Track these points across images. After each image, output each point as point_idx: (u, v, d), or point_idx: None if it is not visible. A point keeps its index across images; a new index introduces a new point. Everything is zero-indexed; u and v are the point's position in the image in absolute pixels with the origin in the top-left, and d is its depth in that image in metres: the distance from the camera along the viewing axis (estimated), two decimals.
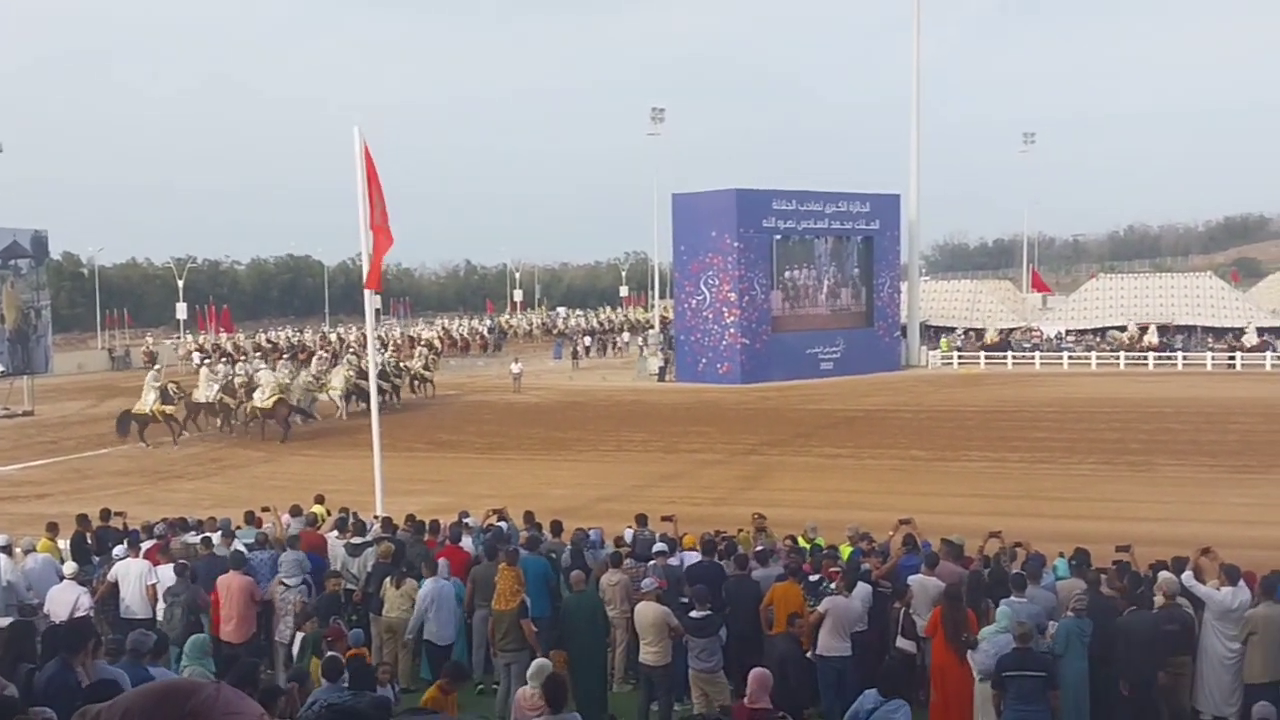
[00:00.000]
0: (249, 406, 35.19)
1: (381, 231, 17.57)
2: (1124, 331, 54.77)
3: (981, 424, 33.97)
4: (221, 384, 36.65)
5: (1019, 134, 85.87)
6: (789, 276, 50.86)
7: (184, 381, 40.27)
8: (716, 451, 30.16)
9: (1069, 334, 56.45)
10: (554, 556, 13.15)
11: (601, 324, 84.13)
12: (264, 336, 73.54)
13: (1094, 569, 11.53)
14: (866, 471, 26.71)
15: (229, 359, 52.28)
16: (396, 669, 11.45)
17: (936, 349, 55.81)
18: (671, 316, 59.20)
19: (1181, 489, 23.57)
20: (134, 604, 12.63)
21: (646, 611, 10.97)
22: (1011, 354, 53.95)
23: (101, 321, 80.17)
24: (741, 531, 14.60)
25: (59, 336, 61.40)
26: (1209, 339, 53.06)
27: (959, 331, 58.38)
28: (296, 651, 11.00)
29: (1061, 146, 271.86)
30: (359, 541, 13.79)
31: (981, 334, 57.28)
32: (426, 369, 46.55)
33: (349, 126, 17.40)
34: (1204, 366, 49.82)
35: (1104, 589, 10.92)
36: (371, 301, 20.30)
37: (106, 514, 15.95)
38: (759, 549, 12.91)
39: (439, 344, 65.03)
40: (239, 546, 13.67)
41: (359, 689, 7.88)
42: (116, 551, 13.60)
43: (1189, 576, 10.78)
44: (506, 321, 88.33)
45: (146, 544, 13.77)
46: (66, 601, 11.59)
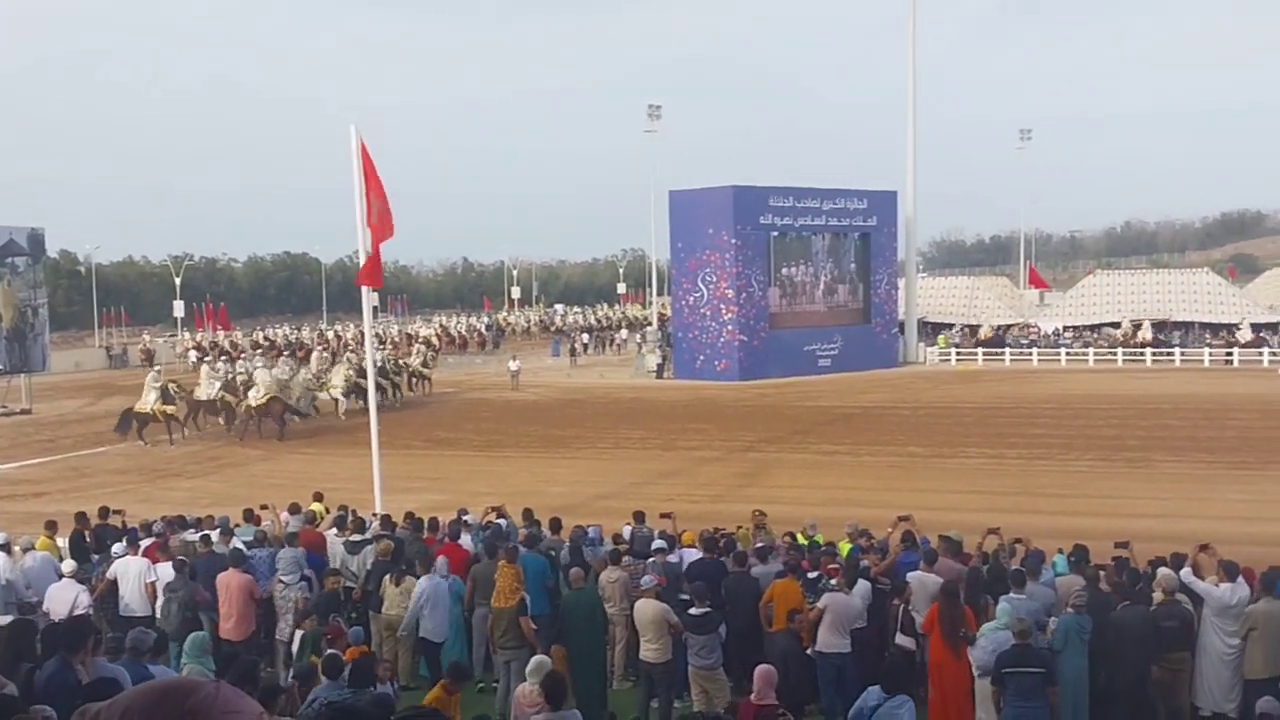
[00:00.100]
0: (244, 405, 35.24)
1: (382, 224, 17.54)
2: (1118, 328, 54.82)
3: (979, 420, 34.00)
4: (223, 382, 36.65)
5: (1016, 131, 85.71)
6: (786, 273, 50.88)
7: (184, 380, 40.30)
8: (714, 449, 30.18)
9: (1066, 330, 56.49)
10: (553, 554, 13.15)
11: (599, 321, 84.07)
12: (261, 334, 73.53)
13: (1093, 565, 11.54)
14: (864, 468, 26.73)
15: (228, 357, 52.26)
16: (396, 666, 11.47)
17: (934, 346, 55.87)
18: (669, 313, 59.20)
19: (1179, 485, 23.60)
20: (133, 602, 12.64)
21: (646, 609, 10.97)
22: (1009, 350, 54.01)
23: (99, 320, 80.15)
24: (740, 528, 14.61)
25: (56, 335, 61.35)
26: (1206, 335, 53.10)
27: (956, 328, 58.41)
28: (296, 649, 11.00)
29: (1058, 144, 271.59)
30: (358, 539, 13.79)
31: (976, 330, 57.31)
32: (425, 366, 46.55)
33: (346, 125, 17.42)
34: (1201, 363, 49.89)
35: (1102, 585, 10.93)
36: (369, 299, 20.27)
37: (105, 512, 15.95)
38: (759, 546, 12.92)
39: (437, 341, 65.00)
40: (238, 544, 13.66)
41: (359, 687, 7.87)
42: (115, 549, 13.60)
43: (1188, 573, 10.78)
44: (504, 319, 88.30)
45: (145, 542, 13.77)
46: (65, 600, 11.58)
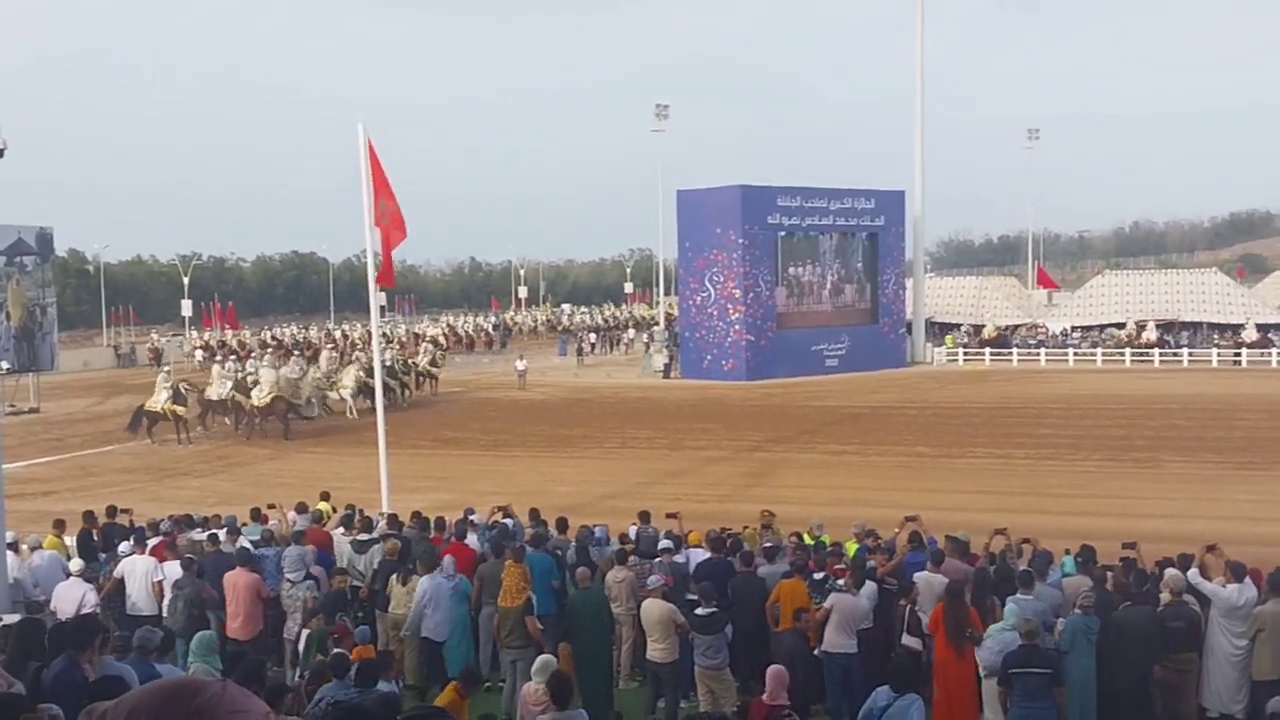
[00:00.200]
0: (248, 404, 35.30)
1: (394, 226, 17.56)
2: (1122, 329, 54.67)
3: (987, 421, 33.94)
4: (234, 381, 36.68)
5: (1023, 131, 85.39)
6: (793, 273, 50.82)
7: (195, 379, 40.33)
8: (722, 448, 30.17)
9: (1074, 330, 56.36)
10: (559, 553, 13.16)
11: (606, 321, 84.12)
12: (269, 334, 73.63)
13: (1100, 566, 11.51)
14: (872, 468, 26.71)
15: (236, 357, 52.31)
16: (403, 665, 11.49)
17: (941, 346, 55.78)
18: (676, 313, 59.20)
19: (1187, 485, 23.54)
20: (140, 601, 12.68)
21: (652, 609, 10.98)
22: (1017, 350, 53.91)
23: (107, 319, 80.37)
24: (747, 528, 14.60)
25: (64, 334, 61.44)
26: (1215, 336, 52.94)
27: (963, 328, 58.31)
28: (302, 649, 11.01)
29: (1066, 143, 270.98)
30: (365, 538, 13.81)
31: (980, 330, 57.14)
32: (434, 365, 46.59)
33: (353, 124, 17.43)
34: (1209, 363, 49.74)
35: (1109, 586, 10.91)
36: (376, 299, 20.30)
37: (113, 511, 16.00)
38: (768, 545, 12.91)
39: (444, 341, 65.09)
40: (245, 543, 13.69)
41: (365, 686, 7.88)
42: (122, 548, 13.63)
43: (1195, 573, 10.75)
44: (511, 319, 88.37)
45: (152, 541, 13.80)
46: (73, 598, 11.61)
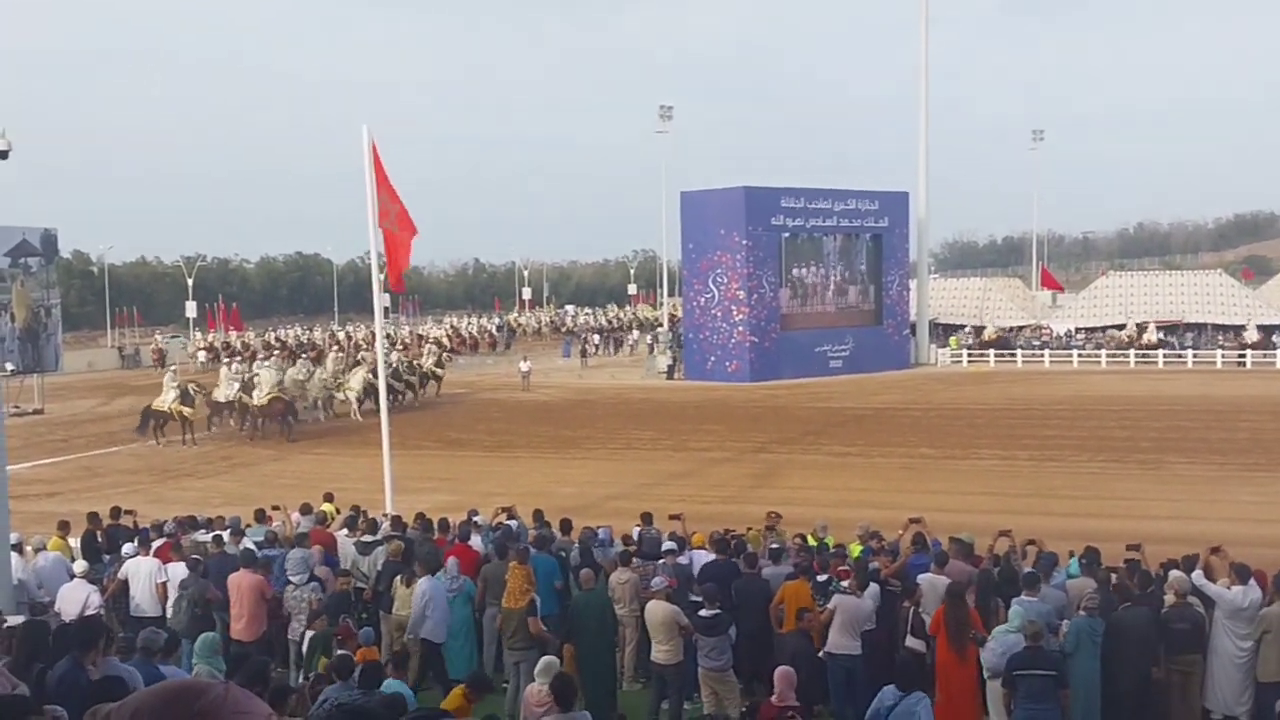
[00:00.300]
0: (250, 405, 35.29)
1: (402, 226, 17.55)
2: (1122, 330, 54.58)
3: (991, 422, 33.91)
4: (241, 383, 36.65)
5: (1028, 132, 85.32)
6: (797, 274, 50.83)
7: (203, 380, 40.28)
8: (725, 450, 30.16)
9: (1078, 332, 56.30)
10: (563, 555, 13.16)
11: (610, 322, 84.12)
12: (273, 335, 73.67)
13: (1104, 568, 11.49)
14: (876, 470, 26.69)
15: (241, 358, 52.33)
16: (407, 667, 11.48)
17: (946, 347, 55.72)
18: (680, 314, 59.19)
19: (1192, 487, 23.51)
20: (144, 602, 12.68)
21: (656, 610, 10.97)
22: (1021, 352, 53.85)
23: (111, 320, 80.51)
24: (751, 530, 14.59)
25: (69, 335, 61.60)
26: (1220, 337, 52.86)
27: (967, 329, 58.26)
28: (306, 650, 11.00)
29: (1071, 144, 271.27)
30: (369, 540, 13.81)
31: (980, 331, 57.00)
32: (439, 365, 46.61)
33: (358, 125, 17.47)
34: (1214, 364, 49.67)
35: (1112, 587, 10.89)
36: (380, 300, 20.31)
37: (117, 512, 16.03)
38: (773, 546, 12.89)
39: (447, 342, 65.09)
40: (248, 545, 13.70)
41: (369, 688, 7.87)
42: (126, 550, 13.63)
43: (1199, 575, 10.73)
44: (515, 320, 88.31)
45: (157, 542, 13.81)
46: (77, 600, 11.63)
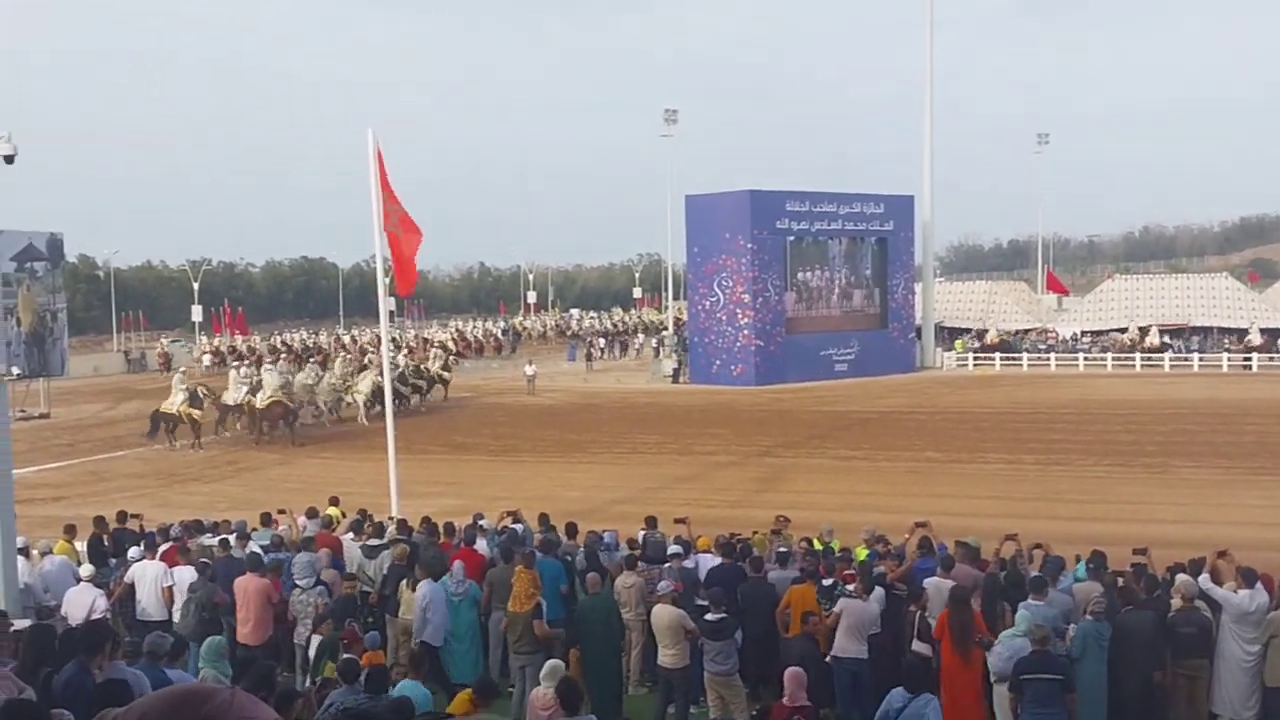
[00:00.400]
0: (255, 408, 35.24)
1: (407, 230, 17.58)
2: (1124, 333, 54.50)
3: (997, 426, 33.86)
4: (249, 386, 36.65)
5: (1033, 135, 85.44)
6: (803, 278, 50.79)
7: (212, 384, 40.23)
8: (731, 453, 30.14)
9: (1084, 335, 56.18)
10: (569, 559, 13.15)
11: (615, 326, 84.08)
12: (279, 339, 73.76)
13: (1111, 572, 11.46)
14: (881, 473, 26.66)
15: (248, 362, 52.35)
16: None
17: (951, 350, 55.65)
18: (685, 318, 59.17)
19: (1198, 491, 23.46)
20: (150, 606, 12.68)
21: (662, 614, 10.97)
22: (1027, 355, 53.76)
23: (117, 324, 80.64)
24: (757, 534, 14.57)
25: (75, 339, 61.28)
26: (1225, 340, 52.75)
27: (972, 333, 58.18)
28: (313, 655, 11.01)
29: (1076, 147, 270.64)
30: (375, 544, 13.82)
31: (983, 335, 56.88)
32: (445, 369, 46.66)
33: (359, 126, 17.51)
34: (1220, 368, 49.58)
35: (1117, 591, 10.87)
36: (386, 304, 20.33)
37: (123, 516, 16.01)
38: (780, 550, 12.88)
39: (453, 346, 65.11)
40: (254, 549, 13.71)
41: (375, 692, 7.87)
42: (132, 553, 13.63)
43: (1206, 579, 10.71)
44: (520, 323, 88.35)
45: (163, 546, 13.82)
46: (83, 604, 11.64)
